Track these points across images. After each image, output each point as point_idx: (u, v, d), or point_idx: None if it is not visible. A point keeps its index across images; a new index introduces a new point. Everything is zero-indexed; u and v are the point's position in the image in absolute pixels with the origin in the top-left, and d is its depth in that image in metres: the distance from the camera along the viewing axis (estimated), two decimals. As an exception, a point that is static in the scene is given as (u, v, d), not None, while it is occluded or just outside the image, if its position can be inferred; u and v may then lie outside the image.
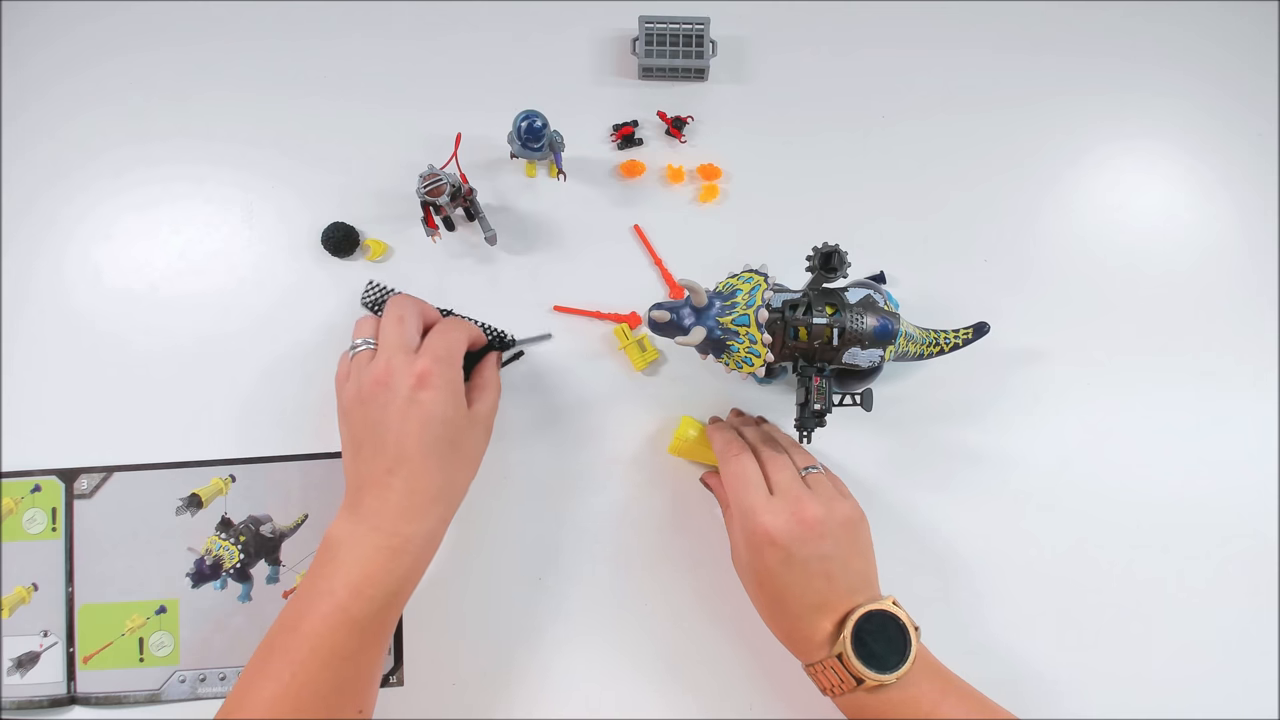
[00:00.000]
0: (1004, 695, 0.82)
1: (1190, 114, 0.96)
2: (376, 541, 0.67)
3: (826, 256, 0.69)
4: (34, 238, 0.91)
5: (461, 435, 0.71)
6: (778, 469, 0.70)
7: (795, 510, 0.67)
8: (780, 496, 0.68)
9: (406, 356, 0.70)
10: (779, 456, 0.72)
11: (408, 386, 0.68)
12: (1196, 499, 0.87)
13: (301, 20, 0.96)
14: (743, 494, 0.69)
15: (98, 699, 0.83)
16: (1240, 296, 0.91)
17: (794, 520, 0.66)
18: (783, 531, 0.66)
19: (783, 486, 0.69)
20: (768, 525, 0.66)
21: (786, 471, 0.70)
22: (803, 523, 0.66)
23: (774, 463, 0.71)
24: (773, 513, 0.67)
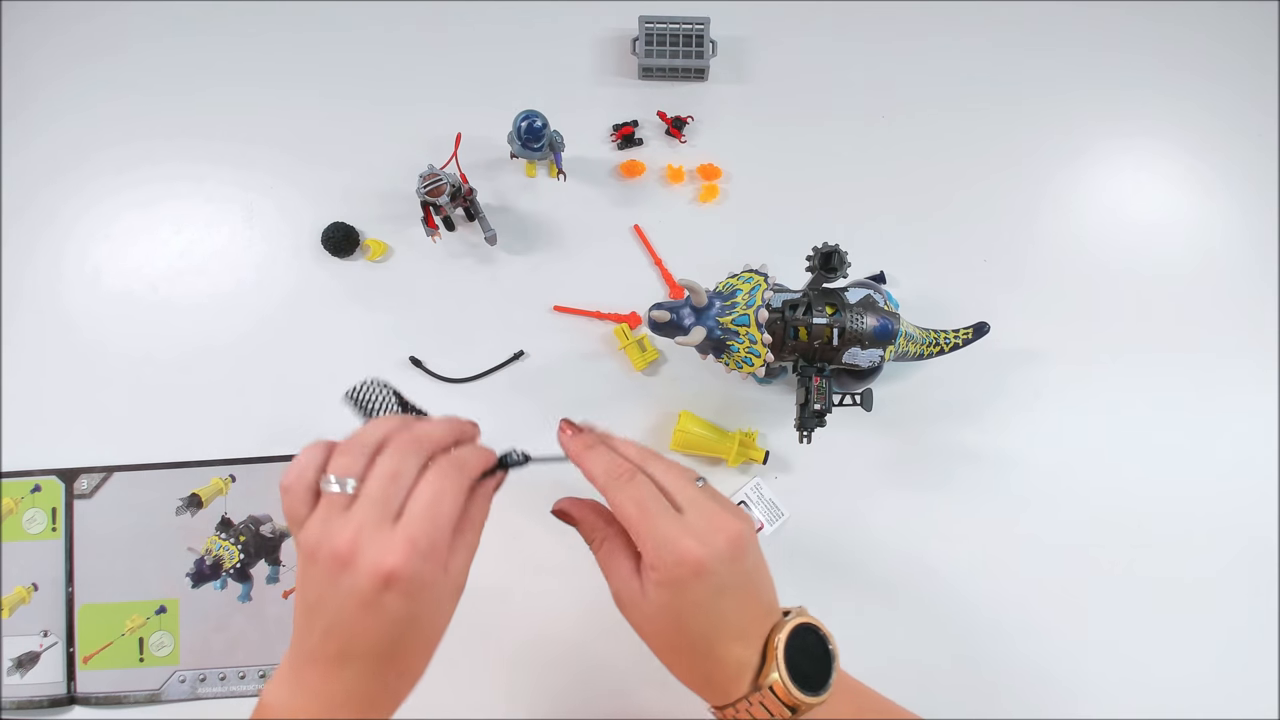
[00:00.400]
0: (1004, 694, 0.82)
1: (1190, 113, 0.96)
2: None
3: (826, 256, 0.69)
4: (34, 237, 0.91)
5: (427, 622, 0.55)
6: (681, 485, 0.58)
7: (718, 527, 0.55)
8: (695, 515, 0.55)
9: (380, 536, 0.50)
10: (674, 466, 0.59)
11: (371, 582, 0.49)
12: (1196, 499, 0.87)
13: (301, 20, 0.96)
14: (653, 522, 0.55)
15: (98, 699, 0.83)
16: (1240, 296, 0.91)
17: (721, 539, 0.54)
18: (711, 556, 0.54)
19: (693, 502, 0.56)
20: (696, 553, 0.53)
21: (690, 487, 0.58)
22: (729, 540, 0.55)
23: (670, 477, 0.58)
24: (697, 536, 0.54)
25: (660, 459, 0.60)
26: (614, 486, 0.58)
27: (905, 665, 0.83)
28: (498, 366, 0.88)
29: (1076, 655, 0.84)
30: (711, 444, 0.84)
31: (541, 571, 0.84)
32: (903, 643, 0.83)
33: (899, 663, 0.82)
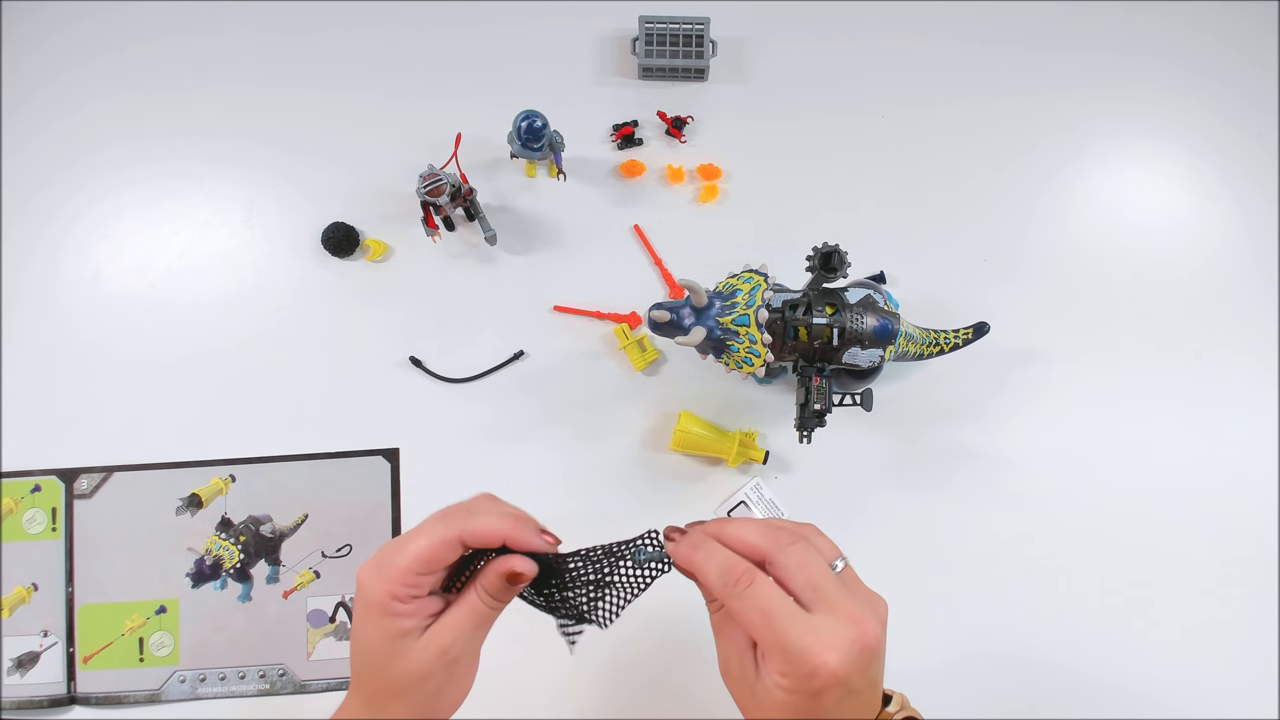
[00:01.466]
0: (1004, 694, 0.82)
1: (1191, 112, 0.96)
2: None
3: (826, 256, 0.69)
4: (34, 237, 0.91)
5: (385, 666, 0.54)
6: (812, 580, 0.51)
7: (856, 633, 0.49)
8: (828, 617, 0.49)
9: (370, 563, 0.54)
10: (805, 550, 0.52)
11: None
12: (1197, 499, 0.87)
13: (301, 20, 0.96)
14: (782, 631, 0.48)
15: (98, 699, 0.83)
16: (1241, 296, 0.91)
17: (857, 647, 0.49)
18: (848, 666, 0.48)
19: (827, 598, 0.50)
20: (833, 665, 0.48)
21: (821, 575, 0.51)
22: (865, 649, 0.49)
23: (801, 562, 0.51)
24: (835, 646, 0.48)
25: (791, 545, 0.52)
26: (732, 595, 0.51)
27: (905, 665, 0.83)
28: (498, 366, 0.88)
29: (1076, 654, 0.84)
30: (711, 444, 0.84)
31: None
32: (902, 642, 0.83)
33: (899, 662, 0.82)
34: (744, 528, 0.54)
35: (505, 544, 0.54)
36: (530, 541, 0.55)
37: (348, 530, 0.85)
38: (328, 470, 0.87)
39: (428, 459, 0.87)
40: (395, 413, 0.87)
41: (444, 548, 0.53)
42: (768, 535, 0.53)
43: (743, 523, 0.55)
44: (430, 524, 0.53)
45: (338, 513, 0.86)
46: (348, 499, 0.86)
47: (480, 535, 0.53)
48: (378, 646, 0.53)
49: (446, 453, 0.87)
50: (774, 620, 0.49)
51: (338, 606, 0.84)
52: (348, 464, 0.87)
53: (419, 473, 0.87)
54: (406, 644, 0.53)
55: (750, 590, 0.50)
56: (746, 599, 0.50)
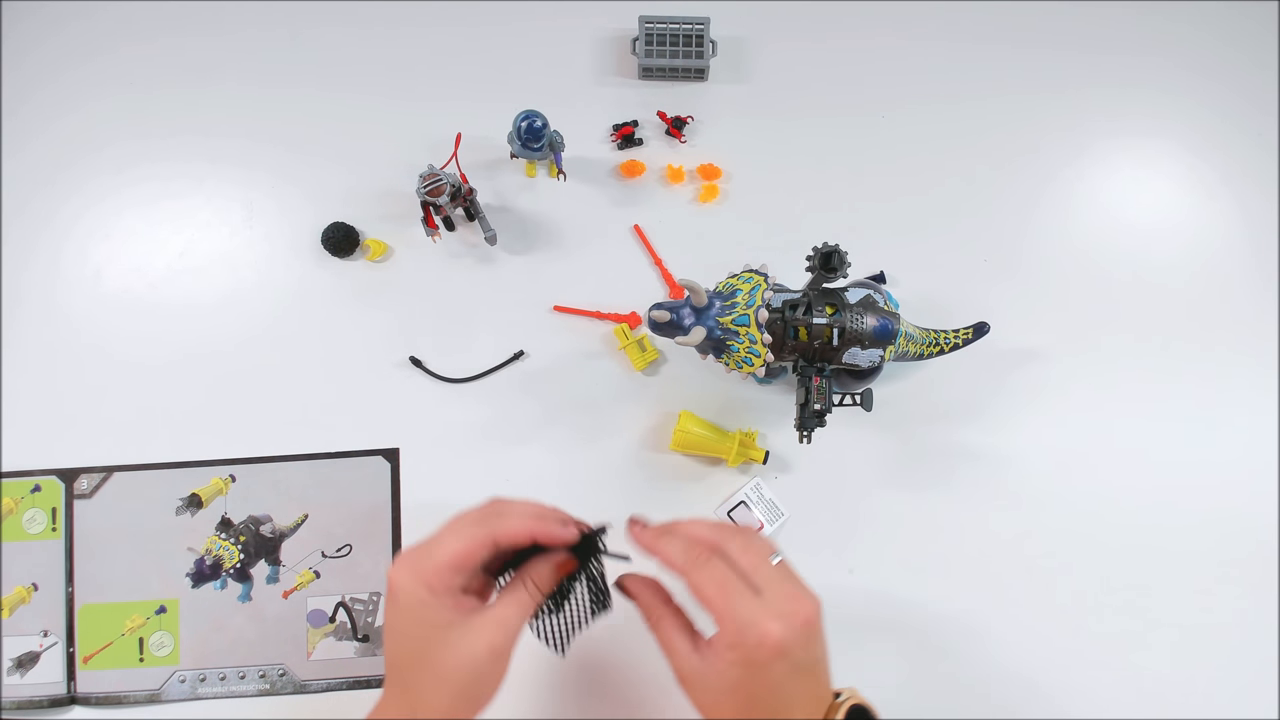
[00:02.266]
0: (1003, 694, 0.82)
1: (1192, 112, 0.96)
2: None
3: (826, 256, 0.69)
4: (34, 237, 0.91)
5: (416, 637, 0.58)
6: (757, 564, 0.58)
7: (796, 609, 0.56)
8: (774, 596, 0.56)
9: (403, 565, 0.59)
10: (751, 544, 0.59)
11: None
12: (1197, 499, 0.87)
13: (302, 20, 0.96)
14: (735, 602, 0.56)
15: (98, 699, 0.83)
16: (1241, 296, 0.91)
17: (798, 621, 0.55)
18: (790, 638, 0.55)
19: (770, 583, 0.57)
20: (776, 635, 0.54)
21: (765, 565, 0.58)
22: (806, 623, 0.56)
23: (747, 556, 0.58)
24: (778, 617, 0.54)
25: (735, 536, 0.60)
26: (693, 567, 0.58)
27: (904, 663, 0.83)
28: (498, 366, 0.88)
29: (1076, 654, 0.84)
30: (711, 444, 0.84)
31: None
32: (902, 640, 0.83)
33: (898, 659, 0.83)
34: (695, 524, 0.62)
35: (535, 540, 0.60)
36: (559, 535, 0.61)
37: (348, 530, 0.85)
38: (328, 470, 0.87)
39: (428, 459, 0.87)
40: (395, 413, 0.87)
41: (479, 548, 0.58)
42: (715, 530, 0.61)
43: (694, 521, 0.62)
44: (462, 526, 0.59)
45: (338, 513, 0.86)
46: (348, 499, 0.86)
47: (513, 535, 0.59)
48: (424, 640, 0.57)
49: (446, 453, 0.87)
50: (728, 592, 0.56)
51: (338, 606, 0.84)
52: (348, 464, 0.87)
53: (419, 473, 0.86)
54: (454, 637, 0.57)
55: (709, 563, 0.57)
56: (706, 570, 0.57)
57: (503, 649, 0.58)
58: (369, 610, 0.84)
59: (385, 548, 0.85)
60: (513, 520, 0.60)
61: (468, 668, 0.56)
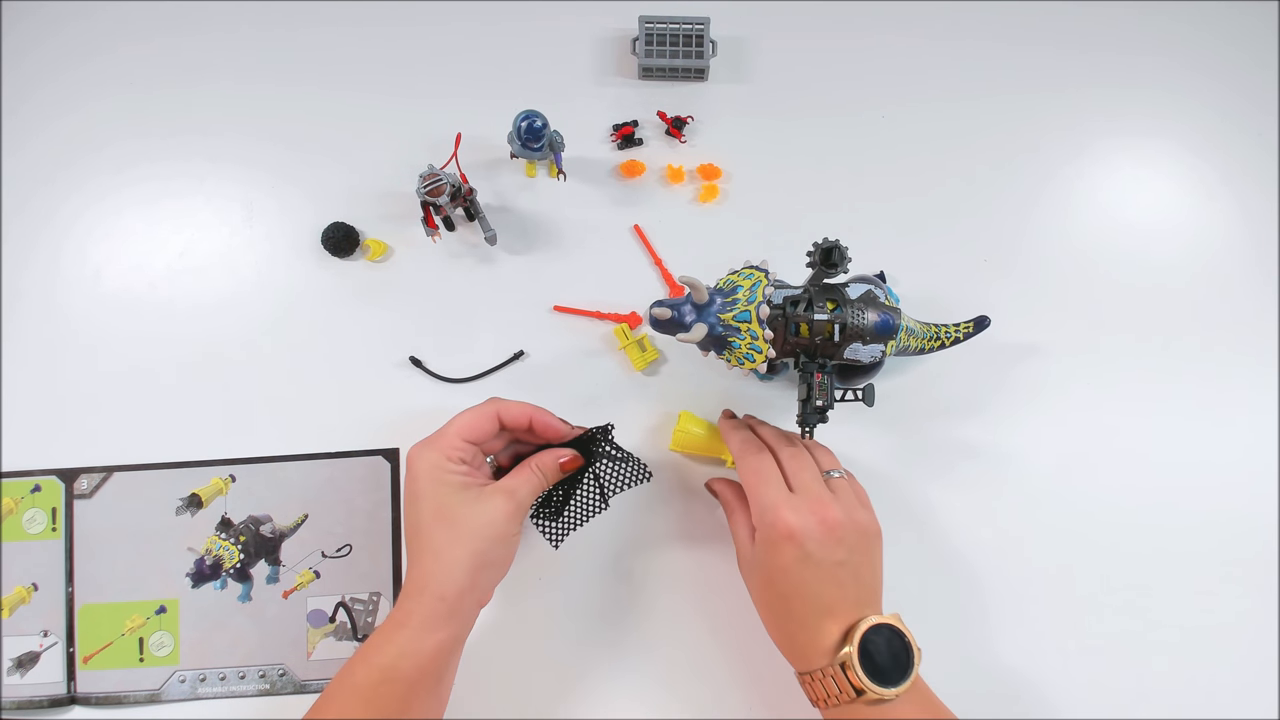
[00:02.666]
0: (1002, 693, 0.82)
1: (1192, 111, 0.96)
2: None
3: (827, 252, 0.69)
4: (33, 237, 0.91)
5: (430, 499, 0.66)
6: (800, 468, 0.68)
7: (816, 509, 0.65)
8: (802, 495, 0.66)
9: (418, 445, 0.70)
10: (801, 455, 0.70)
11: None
12: (1197, 497, 0.86)
13: (301, 19, 0.96)
14: (762, 490, 0.67)
15: (98, 699, 0.83)
16: (1241, 295, 0.91)
17: (815, 519, 0.65)
18: (802, 528, 0.64)
19: (804, 485, 0.67)
20: (789, 521, 0.64)
21: (808, 471, 0.68)
22: (823, 523, 0.65)
23: (795, 461, 0.69)
24: (794, 509, 0.65)
25: (795, 445, 0.72)
26: (740, 456, 0.70)
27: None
28: (498, 366, 0.88)
29: (1074, 653, 0.84)
30: (711, 444, 0.84)
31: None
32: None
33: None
34: (764, 427, 0.76)
35: (532, 424, 0.71)
36: (554, 424, 0.72)
37: (348, 530, 0.85)
38: (328, 470, 0.86)
39: (428, 458, 0.87)
40: (395, 413, 0.87)
41: (485, 419, 0.69)
42: (778, 436, 0.73)
43: (765, 425, 0.77)
44: (466, 410, 0.70)
45: (338, 513, 0.86)
46: (348, 499, 0.86)
47: (513, 412, 0.70)
48: (443, 501, 0.65)
49: (447, 452, 0.87)
50: (761, 480, 0.67)
51: (338, 606, 0.84)
52: (348, 464, 0.87)
53: (419, 472, 0.86)
54: (471, 497, 0.65)
55: (755, 456, 0.69)
56: (749, 461, 0.69)
57: (514, 513, 0.65)
58: (369, 610, 0.84)
59: (385, 548, 0.85)
60: (514, 403, 0.71)
61: (486, 525, 0.64)
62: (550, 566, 0.84)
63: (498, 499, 0.65)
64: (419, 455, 0.67)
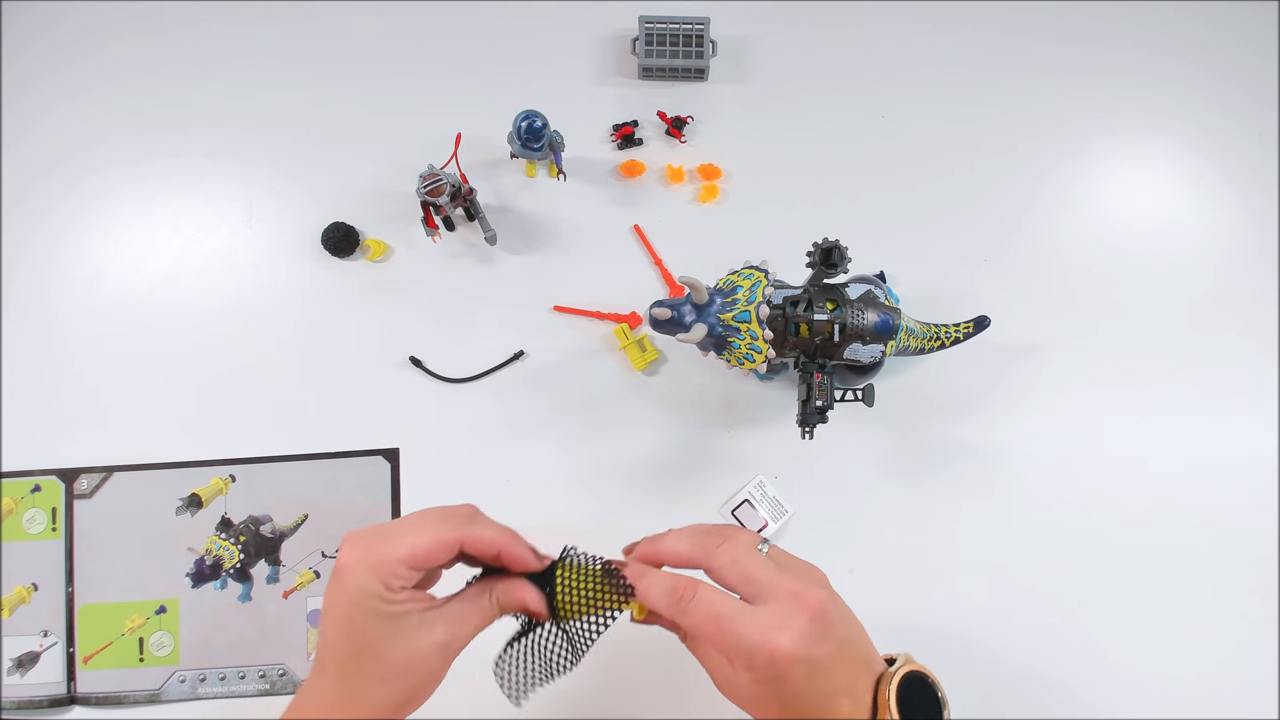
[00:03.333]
0: (1002, 692, 0.82)
1: (1193, 110, 0.95)
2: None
3: (827, 252, 0.69)
4: (33, 237, 0.91)
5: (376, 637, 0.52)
6: (747, 574, 0.53)
7: (797, 610, 0.52)
8: (772, 605, 0.52)
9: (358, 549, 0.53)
10: (733, 553, 0.54)
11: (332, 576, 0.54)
12: (1197, 497, 0.86)
13: (301, 20, 0.96)
14: (733, 630, 0.51)
15: (98, 699, 0.83)
16: (1241, 294, 0.91)
17: (803, 622, 0.51)
18: (801, 640, 0.51)
19: (765, 590, 0.53)
20: (785, 647, 0.50)
21: (756, 569, 0.53)
22: (813, 617, 0.52)
23: (735, 570, 0.54)
24: (780, 629, 0.51)
25: (716, 542, 0.55)
26: (681, 612, 0.53)
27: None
28: (498, 366, 0.88)
29: (1075, 653, 0.84)
30: None
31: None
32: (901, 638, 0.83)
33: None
34: (674, 541, 0.57)
35: (500, 556, 0.55)
36: (525, 558, 0.56)
37: (348, 530, 0.85)
38: (328, 470, 0.87)
39: (428, 459, 0.87)
40: (395, 413, 0.87)
41: (444, 550, 0.53)
42: (696, 543, 0.56)
43: (672, 537, 0.57)
44: (429, 523, 0.54)
45: (338, 513, 0.86)
46: (348, 499, 0.86)
47: (481, 543, 0.54)
48: (371, 632, 0.52)
49: (446, 453, 0.87)
50: (724, 624, 0.51)
51: (338, 606, 0.84)
52: (348, 464, 0.87)
53: (419, 473, 0.87)
54: (405, 630, 0.52)
55: (694, 603, 0.52)
56: (694, 613, 0.52)
57: (453, 648, 0.54)
58: (369, 610, 0.84)
59: (386, 548, 0.85)
60: (485, 530, 0.55)
61: (415, 664, 0.53)
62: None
63: (438, 631, 0.53)
64: (353, 568, 0.51)
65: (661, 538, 0.58)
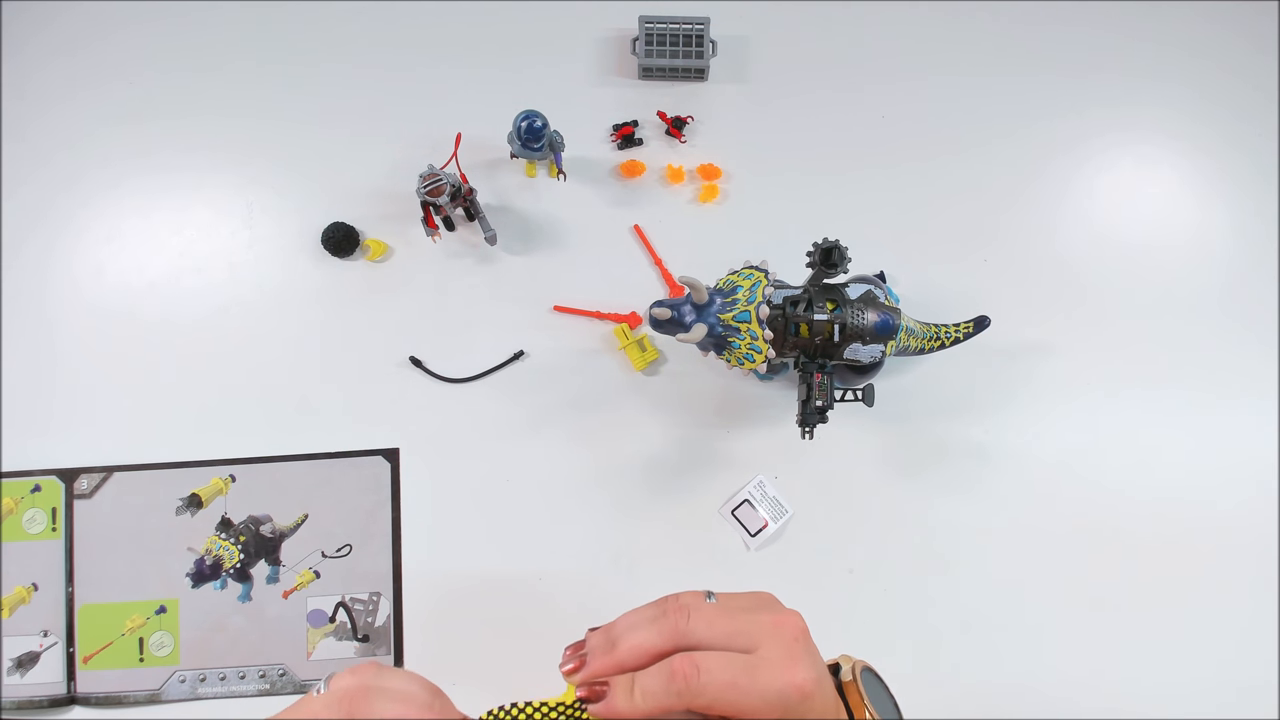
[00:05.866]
0: (1002, 691, 0.82)
1: (1194, 112, 0.95)
2: None
3: (827, 252, 0.69)
4: (33, 237, 0.91)
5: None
6: (717, 626, 0.46)
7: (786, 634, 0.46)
8: (764, 639, 0.46)
9: None
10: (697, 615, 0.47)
11: None
12: (1197, 497, 0.86)
13: (301, 20, 0.96)
14: (756, 685, 0.45)
15: (98, 699, 0.83)
16: (1240, 295, 0.91)
17: (798, 643, 0.46)
18: (810, 663, 0.46)
19: (745, 630, 0.46)
20: (809, 675, 0.45)
21: (723, 619, 0.47)
22: (801, 635, 0.47)
23: (706, 624, 0.46)
24: (793, 660, 0.45)
25: (681, 618, 0.46)
26: (693, 694, 0.45)
27: (903, 659, 0.83)
28: (498, 366, 0.88)
29: (1076, 653, 0.84)
30: None
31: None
32: (904, 637, 0.83)
33: (899, 656, 0.82)
34: (638, 639, 0.46)
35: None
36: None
37: (348, 530, 0.85)
38: (328, 470, 0.87)
39: (428, 459, 0.87)
40: (395, 413, 0.87)
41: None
42: (662, 628, 0.46)
43: (629, 637, 0.46)
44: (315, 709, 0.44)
45: (338, 513, 0.86)
46: (348, 499, 0.86)
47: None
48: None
49: (446, 452, 0.87)
50: (744, 682, 0.44)
51: (338, 606, 0.84)
52: (348, 464, 0.87)
53: (419, 473, 0.87)
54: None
55: (704, 677, 0.44)
56: (709, 686, 0.44)
57: None
58: (369, 610, 0.84)
59: (385, 548, 0.85)
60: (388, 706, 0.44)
61: None
62: (550, 560, 0.84)
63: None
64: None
65: (614, 642, 0.47)
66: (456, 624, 0.84)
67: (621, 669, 0.46)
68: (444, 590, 0.84)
